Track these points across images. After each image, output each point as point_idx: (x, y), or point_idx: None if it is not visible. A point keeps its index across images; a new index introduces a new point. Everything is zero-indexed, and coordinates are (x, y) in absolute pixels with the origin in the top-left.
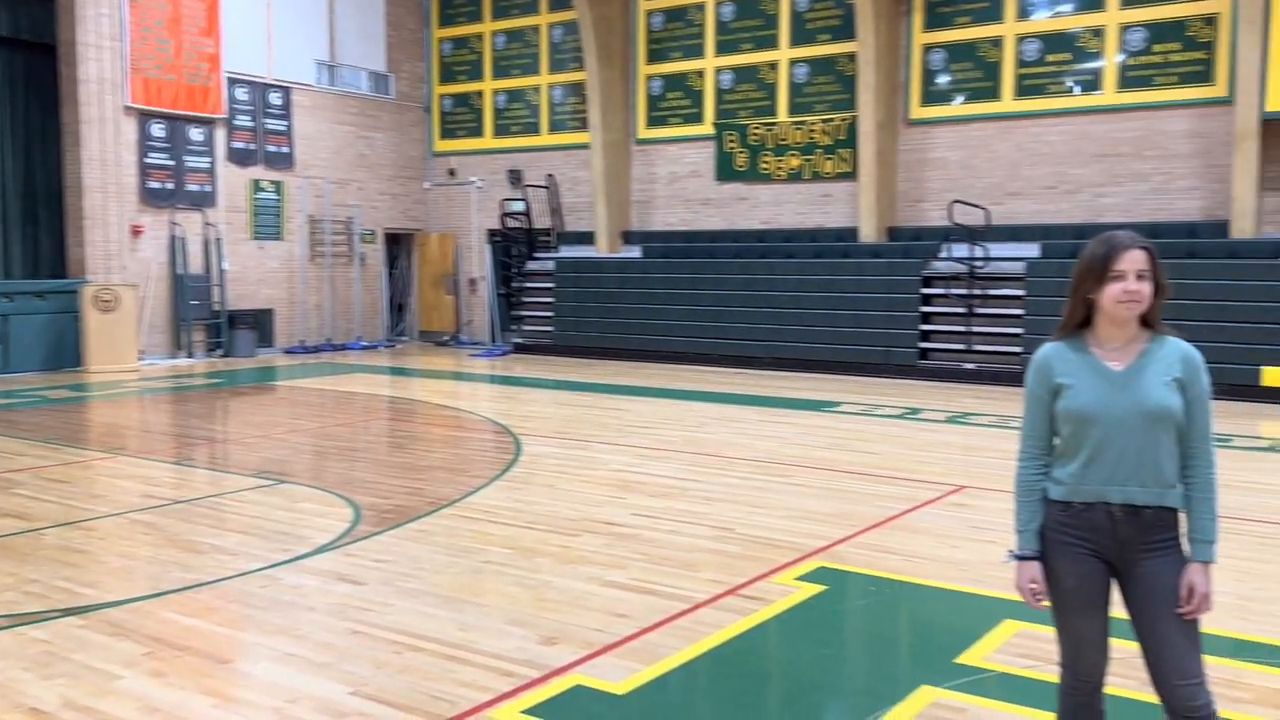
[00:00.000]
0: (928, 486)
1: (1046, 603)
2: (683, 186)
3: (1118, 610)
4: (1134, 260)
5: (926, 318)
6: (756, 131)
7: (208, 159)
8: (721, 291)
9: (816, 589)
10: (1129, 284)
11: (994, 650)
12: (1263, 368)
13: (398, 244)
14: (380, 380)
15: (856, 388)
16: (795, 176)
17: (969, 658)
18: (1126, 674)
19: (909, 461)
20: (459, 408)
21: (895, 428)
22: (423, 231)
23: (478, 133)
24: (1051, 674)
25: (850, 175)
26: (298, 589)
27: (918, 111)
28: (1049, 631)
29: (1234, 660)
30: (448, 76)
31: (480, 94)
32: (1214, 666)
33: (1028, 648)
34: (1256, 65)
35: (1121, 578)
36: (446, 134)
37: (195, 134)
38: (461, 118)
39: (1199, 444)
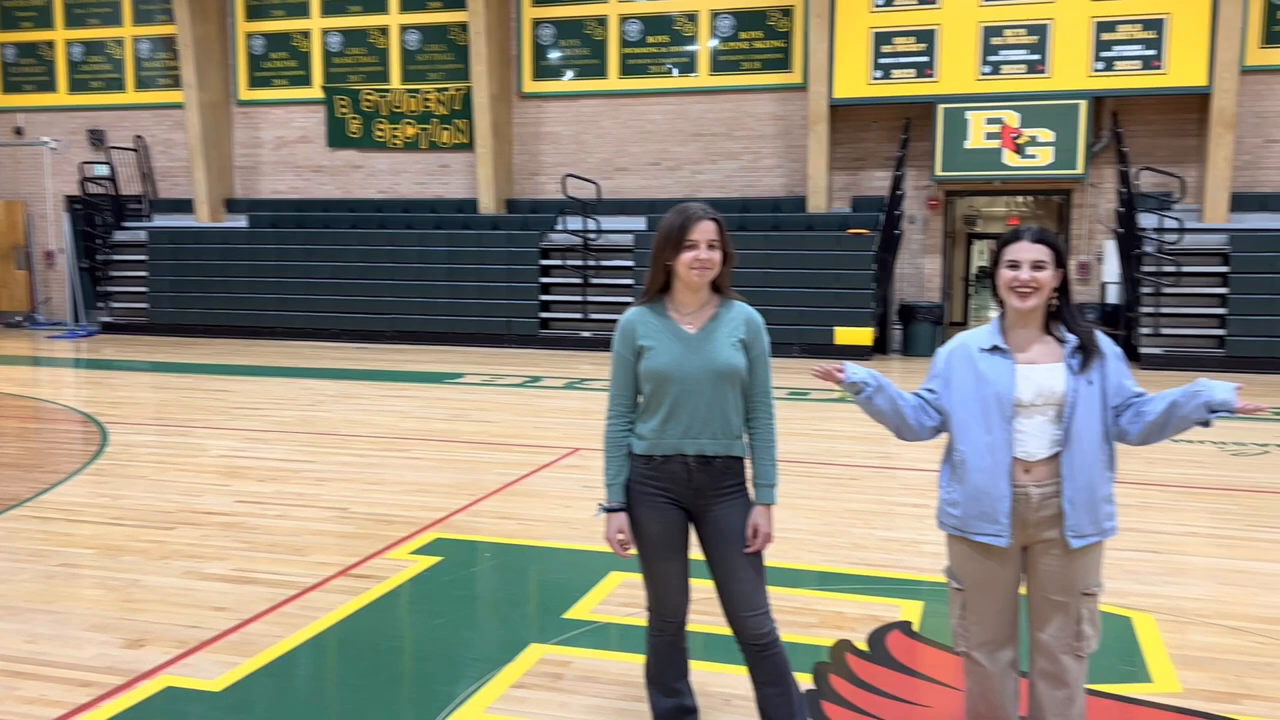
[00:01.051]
0: (545, 451)
1: (633, 551)
2: (292, 152)
3: (696, 554)
4: (705, 230)
5: (546, 288)
6: (370, 98)
7: None
8: (339, 263)
9: (432, 561)
10: (701, 252)
11: (599, 603)
12: (835, 328)
13: None
14: None
15: (479, 358)
16: (412, 145)
17: (576, 612)
18: (706, 611)
19: (528, 428)
20: (34, 396)
21: (516, 396)
22: None
23: (49, 87)
24: (646, 618)
25: (467, 146)
26: None
27: (530, 85)
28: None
29: (803, 590)
30: (9, 23)
31: (51, 44)
32: (787, 595)
33: (628, 596)
34: (825, 55)
35: (697, 523)
36: (10, 88)
37: None
38: (28, 69)
39: (760, 398)
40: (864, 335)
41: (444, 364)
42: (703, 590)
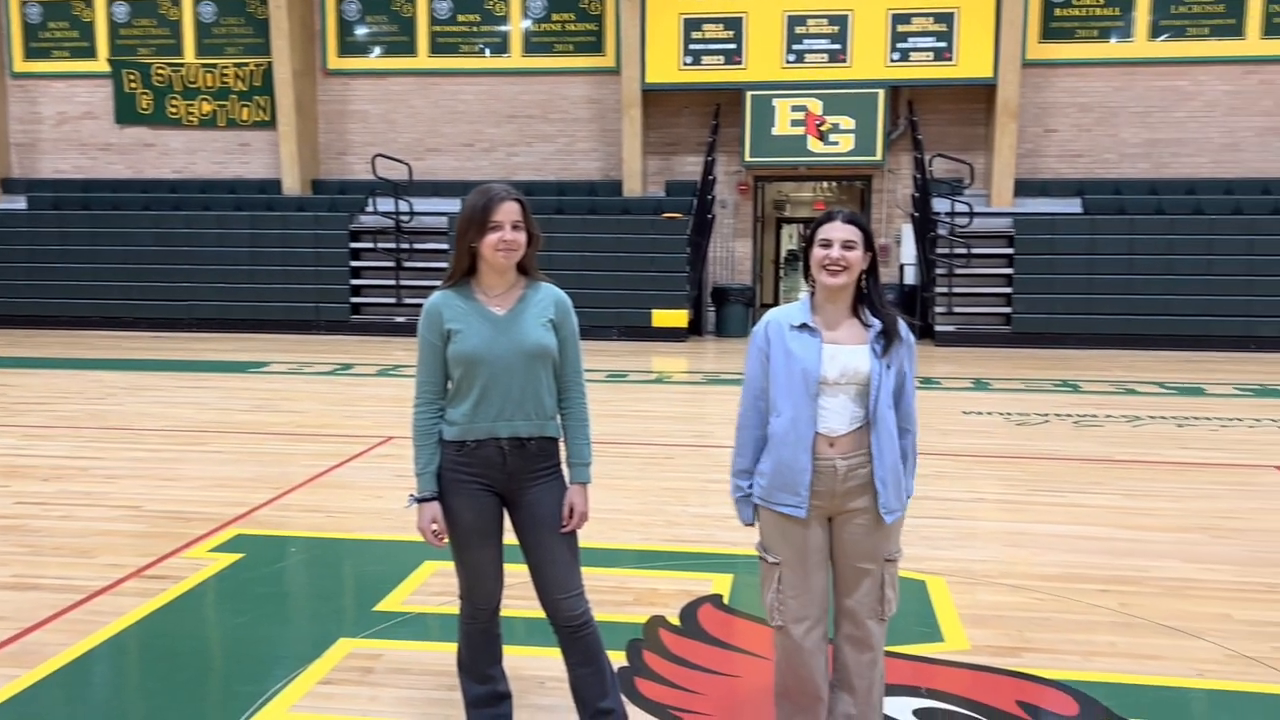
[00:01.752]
0: (356, 440)
1: (447, 540)
2: (76, 129)
3: (510, 539)
4: (509, 211)
5: (356, 272)
6: (161, 72)
7: None
8: (130, 247)
9: (233, 558)
10: (505, 234)
11: (412, 593)
12: (653, 310)
13: None
14: None
15: (286, 346)
16: (209, 123)
17: (388, 604)
18: (520, 595)
19: (338, 417)
20: None
21: (325, 385)
22: None
23: None
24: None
25: (269, 124)
26: None
27: (336, 62)
28: None
29: (619, 568)
30: None
31: None
32: (602, 575)
33: (443, 585)
34: (637, 39)
35: (511, 507)
36: None
37: None
38: None
39: (572, 378)
40: (679, 318)
41: (247, 353)
42: (516, 574)
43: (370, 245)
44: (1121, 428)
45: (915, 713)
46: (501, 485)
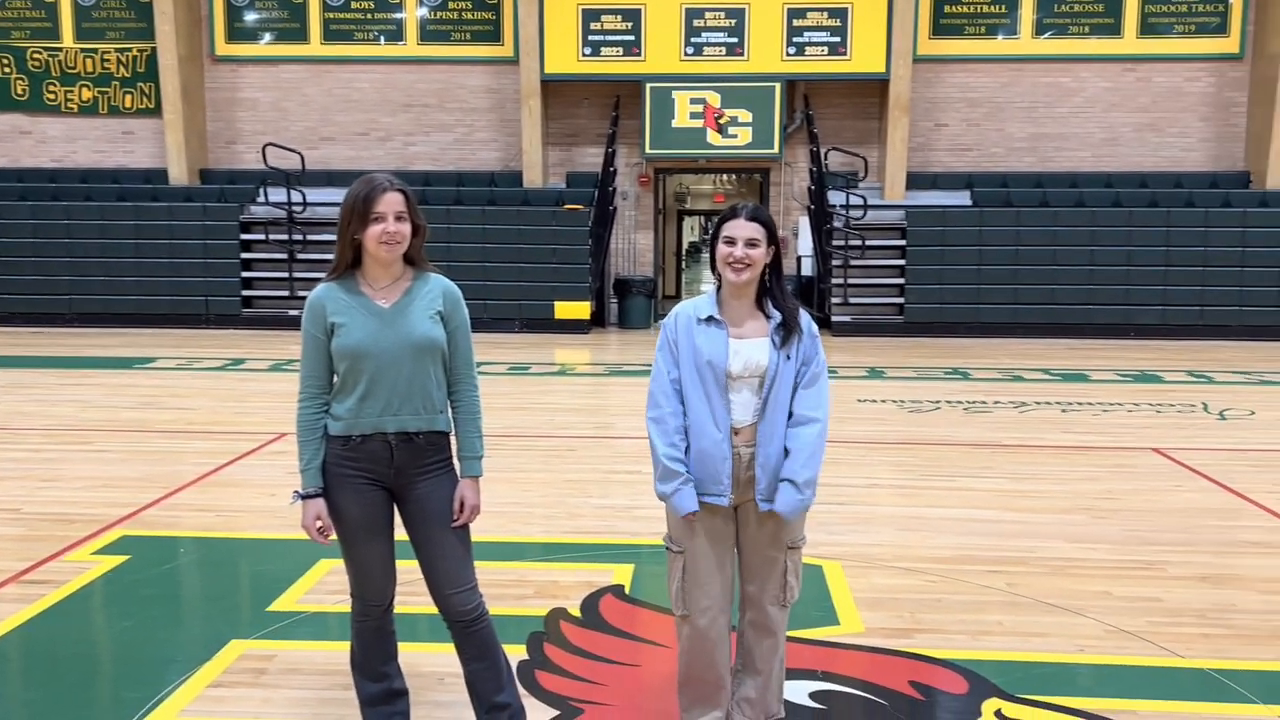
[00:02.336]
0: (248, 437)
1: (334, 537)
2: None
3: (401, 535)
4: (392, 202)
5: (247, 264)
6: (37, 56)
7: None
8: (6, 239)
9: (118, 560)
10: (389, 225)
11: (306, 592)
12: (555, 302)
13: None
14: None
15: (173, 341)
16: (89, 110)
17: (282, 604)
18: (419, 591)
19: (229, 414)
20: None
21: (215, 380)
22: None
23: None
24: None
25: (154, 111)
26: None
27: (224, 48)
28: None
29: (520, 562)
30: None
31: None
32: (503, 569)
33: (339, 584)
34: (535, 29)
35: (400, 502)
36: None
37: None
38: None
39: (463, 370)
40: (582, 309)
41: (133, 348)
42: (411, 570)
43: (262, 237)
44: (1009, 413)
45: (812, 695)
46: (389, 480)
